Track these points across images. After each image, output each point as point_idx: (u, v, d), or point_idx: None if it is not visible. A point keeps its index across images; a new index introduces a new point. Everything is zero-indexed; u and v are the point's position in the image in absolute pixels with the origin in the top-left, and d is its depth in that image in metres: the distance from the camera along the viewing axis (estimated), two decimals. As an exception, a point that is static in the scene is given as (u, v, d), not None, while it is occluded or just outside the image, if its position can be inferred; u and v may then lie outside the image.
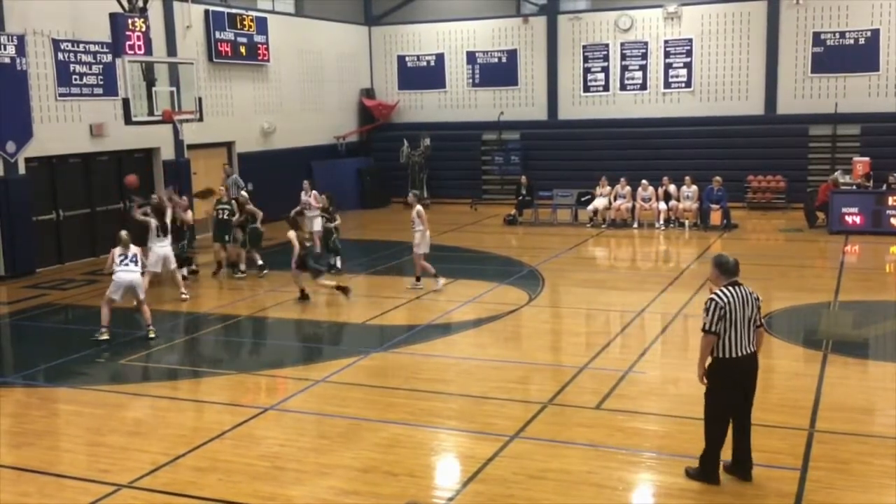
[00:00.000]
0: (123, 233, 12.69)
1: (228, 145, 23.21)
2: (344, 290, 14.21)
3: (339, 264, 16.74)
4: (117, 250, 12.32)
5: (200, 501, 7.23)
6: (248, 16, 23.17)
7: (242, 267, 16.66)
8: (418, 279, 15.14)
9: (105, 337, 12.22)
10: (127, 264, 12.25)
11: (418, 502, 7.04)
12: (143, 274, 12.91)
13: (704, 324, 7.05)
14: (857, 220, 19.92)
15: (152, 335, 12.38)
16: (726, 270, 7.18)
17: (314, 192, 17.81)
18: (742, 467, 7.29)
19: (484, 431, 8.57)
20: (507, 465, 7.74)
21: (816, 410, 8.92)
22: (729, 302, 6.99)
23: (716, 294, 7.07)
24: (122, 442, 8.66)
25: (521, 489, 7.25)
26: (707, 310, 7.07)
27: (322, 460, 7.99)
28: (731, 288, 7.09)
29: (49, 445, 8.72)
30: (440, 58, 28.27)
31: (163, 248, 14.50)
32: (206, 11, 22.02)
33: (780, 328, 12.31)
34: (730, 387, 7.10)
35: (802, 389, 9.58)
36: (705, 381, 7.21)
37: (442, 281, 15.03)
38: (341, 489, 7.39)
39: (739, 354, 7.04)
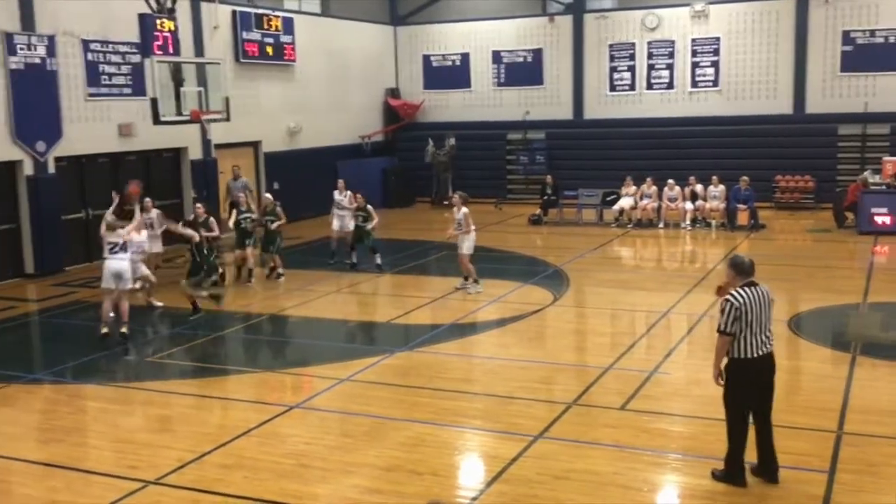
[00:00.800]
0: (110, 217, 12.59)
1: (255, 145, 23.35)
2: (216, 297, 13.97)
3: (378, 261, 16.71)
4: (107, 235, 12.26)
5: (226, 499, 7.28)
6: (274, 16, 23.29)
7: (280, 270, 16.47)
8: (466, 279, 15.04)
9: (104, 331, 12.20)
10: (116, 252, 12.23)
11: (441, 501, 7.04)
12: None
13: (720, 324, 7.04)
14: (887, 220, 19.66)
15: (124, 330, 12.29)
16: (742, 271, 7.14)
17: (349, 191, 17.74)
18: (768, 469, 7.23)
19: (508, 431, 8.55)
20: (532, 465, 7.73)
21: (845, 413, 8.83)
22: (745, 303, 6.96)
23: (732, 294, 7.04)
24: (148, 439, 8.74)
25: (546, 490, 7.24)
26: (723, 310, 7.04)
27: (346, 458, 8.01)
28: (747, 288, 7.05)
29: (77, 442, 8.82)
30: (465, 57, 28.26)
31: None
32: (234, 12, 22.16)
33: (808, 330, 12.19)
34: (745, 386, 7.07)
35: (830, 391, 9.48)
36: (721, 381, 7.17)
37: (478, 287, 14.88)
38: (365, 487, 7.41)
39: (755, 355, 7.01)
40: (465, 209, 14.95)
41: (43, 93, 17.17)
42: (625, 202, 22.34)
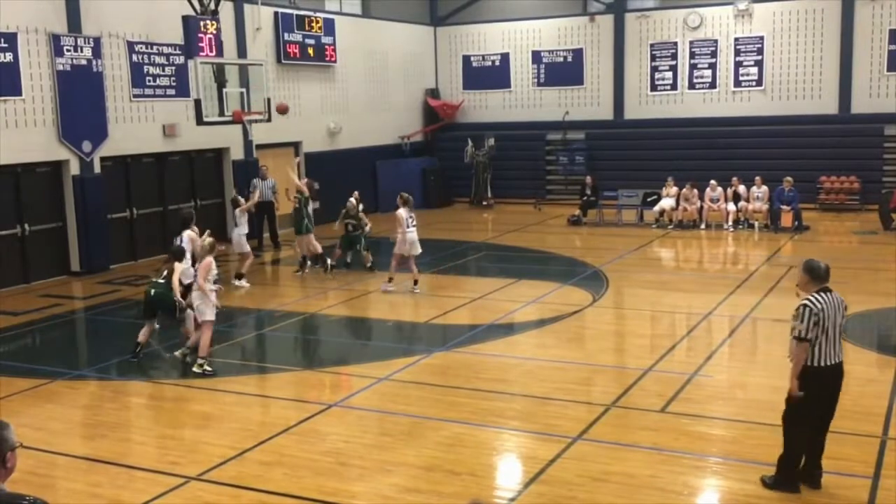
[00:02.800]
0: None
1: (295, 145, 23.54)
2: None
3: (369, 264, 16.68)
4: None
5: (266, 495, 7.34)
6: (316, 17, 23.45)
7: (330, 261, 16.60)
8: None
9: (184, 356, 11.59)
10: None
11: (482, 501, 7.03)
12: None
13: (799, 331, 6.77)
14: (936, 222, 19.28)
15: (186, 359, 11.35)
16: (817, 276, 6.91)
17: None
18: (811, 475, 7.11)
19: (546, 432, 8.52)
20: (570, 466, 7.69)
21: (889, 417, 8.67)
22: (822, 308, 6.75)
23: (809, 299, 6.81)
24: (191, 435, 8.86)
25: (584, 491, 7.20)
26: (800, 316, 6.79)
27: (385, 457, 8.05)
28: (822, 294, 6.84)
29: (121, 437, 8.95)
30: (505, 57, 28.22)
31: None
32: (276, 13, 22.36)
33: (853, 333, 11.96)
34: (817, 395, 6.86)
35: (875, 396, 9.31)
36: (800, 391, 6.89)
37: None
38: (403, 487, 7.43)
39: (829, 363, 6.82)
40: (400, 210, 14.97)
41: (89, 94, 17.47)
42: (666, 203, 22.15)
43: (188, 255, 12.06)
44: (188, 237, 12.94)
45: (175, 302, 11.31)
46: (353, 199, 16.94)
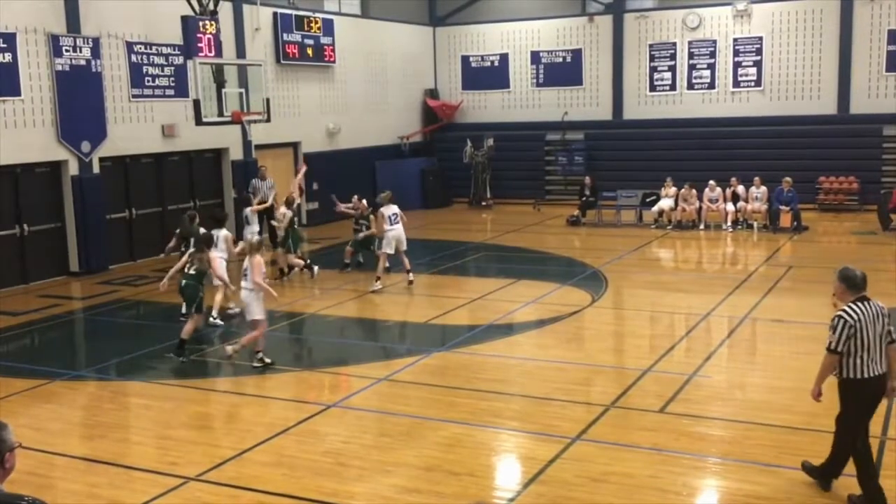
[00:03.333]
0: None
1: (294, 145, 23.54)
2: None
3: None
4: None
5: (265, 496, 7.34)
6: (315, 18, 23.45)
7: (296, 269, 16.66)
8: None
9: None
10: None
11: (485, 502, 7.03)
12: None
13: (830, 342, 6.58)
14: (934, 222, 19.28)
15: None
16: (854, 285, 6.69)
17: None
18: (825, 474, 7.03)
19: (545, 433, 8.52)
20: (569, 467, 7.69)
21: (889, 418, 8.65)
22: (859, 319, 6.52)
23: (845, 310, 6.59)
24: (190, 436, 8.85)
25: (583, 492, 7.20)
26: (834, 327, 6.58)
27: (384, 458, 8.04)
28: (859, 304, 6.61)
29: (119, 438, 8.95)
30: (504, 58, 28.22)
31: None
32: (275, 14, 22.36)
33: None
34: (863, 408, 6.72)
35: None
36: (820, 399, 6.83)
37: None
38: (403, 487, 7.43)
39: (870, 375, 6.61)
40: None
41: (88, 94, 17.46)
42: (665, 203, 22.15)
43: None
44: (224, 237, 13.49)
45: (199, 295, 11.61)
46: (363, 203, 17.05)
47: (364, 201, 17.22)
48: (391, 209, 15.37)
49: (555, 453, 7.96)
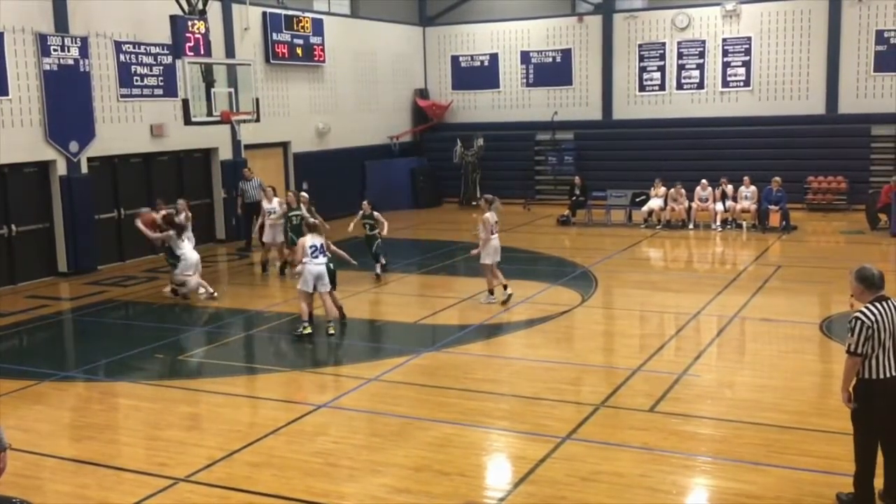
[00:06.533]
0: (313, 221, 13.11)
1: (284, 145, 23.49)
2: None
3: (379, 270, 16.46)
4: (308, 240, 12.43)
5: (255, 496, 7.32)
6: (304, 17, 23.41)
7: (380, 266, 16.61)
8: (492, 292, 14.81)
9: (308, 331, 12.39)
10: (317, 256, 12.37)
11: (476, 502, 7.02)
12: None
13: (850, 345, 6.43)
14: (922, 222, 19.37)
15: (332, 332, 12.51)
16: (871, 284, 6.53)
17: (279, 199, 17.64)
18: (892, 494, 6.78)
19: (535, 432, 8.53)
20: (559, 466, 7.70)
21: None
22: (877, 320, 6.38)
23: (862, 311, 6.45)
24: (179, 436, 8.82)
25: (573, 491, 7.21)
26: (852, 329, 6.43)
27: (374, 458, 8.04)
28: (878, 304, 6.46)
29: (108, 439, 8.91)
30: (494, 58, 28.24)
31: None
32: (264, 13, 22.31)
33: (840, 332, 11.99)
34: (880, 410, 6.54)
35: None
36: (851, 404, 6.63)
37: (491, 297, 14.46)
38: (393, 487, 7.43)
39: (889, 375, 6.44)
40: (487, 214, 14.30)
41: (76, 93, 17.39)
42: (654, 203, 22.21)
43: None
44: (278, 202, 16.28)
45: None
46: (365, 203, 16.93)
47: (366, 202, 16.99)
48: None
49: (545, 453, 7.97)
